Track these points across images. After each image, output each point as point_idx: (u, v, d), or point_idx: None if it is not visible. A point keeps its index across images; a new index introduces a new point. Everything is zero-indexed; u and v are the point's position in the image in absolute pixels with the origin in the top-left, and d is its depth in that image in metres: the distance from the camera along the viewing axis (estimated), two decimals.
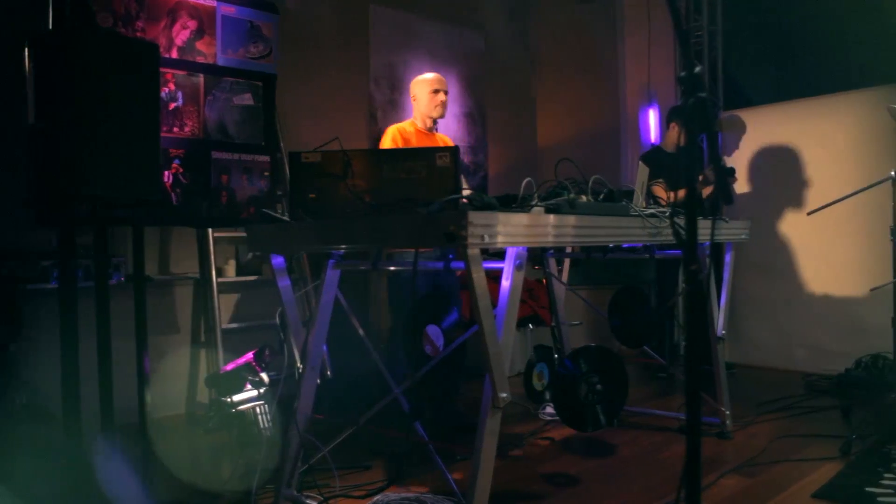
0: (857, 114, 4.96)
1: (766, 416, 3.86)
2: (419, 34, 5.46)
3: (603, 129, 6.08)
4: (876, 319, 4.58)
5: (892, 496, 2.61)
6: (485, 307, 1.96)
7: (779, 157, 5.32)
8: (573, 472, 3.01)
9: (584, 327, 5.42)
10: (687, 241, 1.10)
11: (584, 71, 6.24)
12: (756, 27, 5.82)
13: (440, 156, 2.17)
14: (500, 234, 1.97)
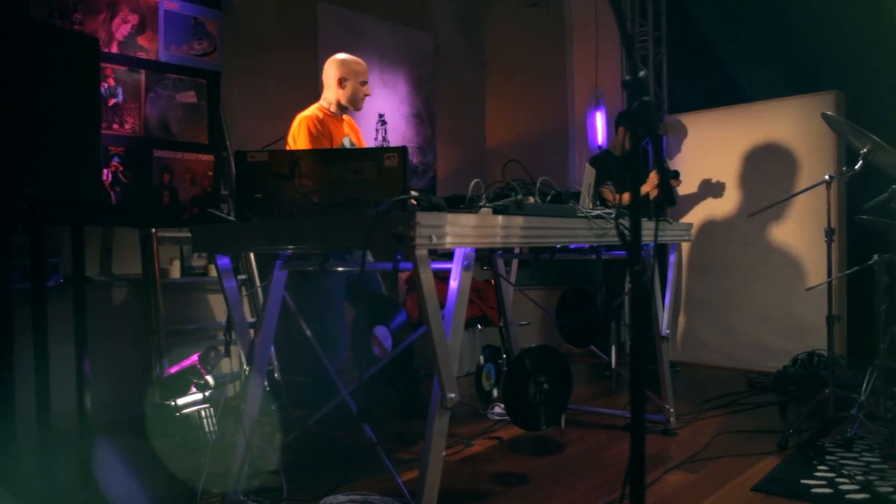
0: (794, 119, 5.11)
1: (709, 412, 3.95)
2: (368, 34, 5.43)
3: (551, 132, 6.14)
4: (812, 318, 4.73)
5: (825, 487, 2.71)
6: (433, 308, 1.96)
7: (721, 160, 5.45)
8: (522, 470, 3.03)
9: (532, 327, 5.47)
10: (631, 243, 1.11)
11: (532, 73, 6.29)
12: (700, 33, 5.94)
13: (388, 156, 2.17)
14: (448, 235, 1.97)
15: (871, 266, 3.29)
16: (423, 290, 1.94)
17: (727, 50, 5.78)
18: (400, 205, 1.94)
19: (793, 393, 4.36)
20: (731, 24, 5.74)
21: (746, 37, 5.68)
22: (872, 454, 3.11)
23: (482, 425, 3.72)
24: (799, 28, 5.42)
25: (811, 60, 5.36)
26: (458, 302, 2.07)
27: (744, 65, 5.72)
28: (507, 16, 6.39)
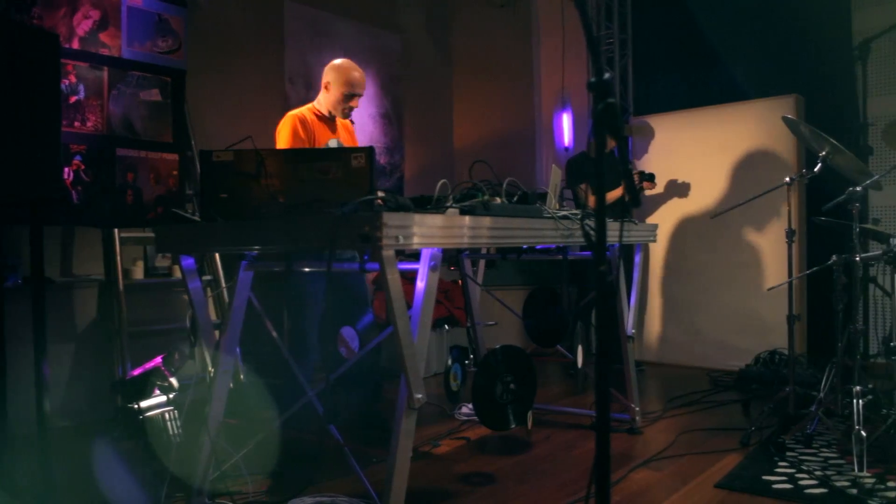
0: (756, 122, 5.20)
1: (673, 411, 4.00)
2: (336, 33, 5.41)
3: (518, 132, 6.17)
4: (774, 317, 4.82)
5: (785, 483, 2.76)
6: (399, 308, 1.96)
7: (685, 161, 5.53)
8: (489, 470, 3.04)
9: (499, 327, 5.49)
10: (596, 243, 1.13)
11: (500, 74, 6.31)
12: (664, 37, 6.02)
13: (355, 156, 2.16)
14: (415, 236, 1.97)
15: (829, 266, 3.36)
16: (390, 290, 1.94)
17: (691, 53, 5.87)
18: (366, 205, 1.94)
19: (755, 391, 4.44)
20: (694, 28, 5.82)
21: (710, 41, 5.76)
22: (830, 450, 3.18)
23: (449, 425, 3.72)
24: (760, 33, 5.53)
25: (772, 65, 5.46)
26: (424, 302, 2.07)
27: (707, 68, 5.81)
28: (474, 16, 6.41)
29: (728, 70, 5.73)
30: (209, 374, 2.57)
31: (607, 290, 1.19)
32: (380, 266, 1.92)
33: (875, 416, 3.22)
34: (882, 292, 3.74)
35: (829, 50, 5.18)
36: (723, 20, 5.70)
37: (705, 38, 5.78)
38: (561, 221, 2.62)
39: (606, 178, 4.67)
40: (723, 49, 5.72)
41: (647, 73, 6.17)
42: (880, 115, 4.63)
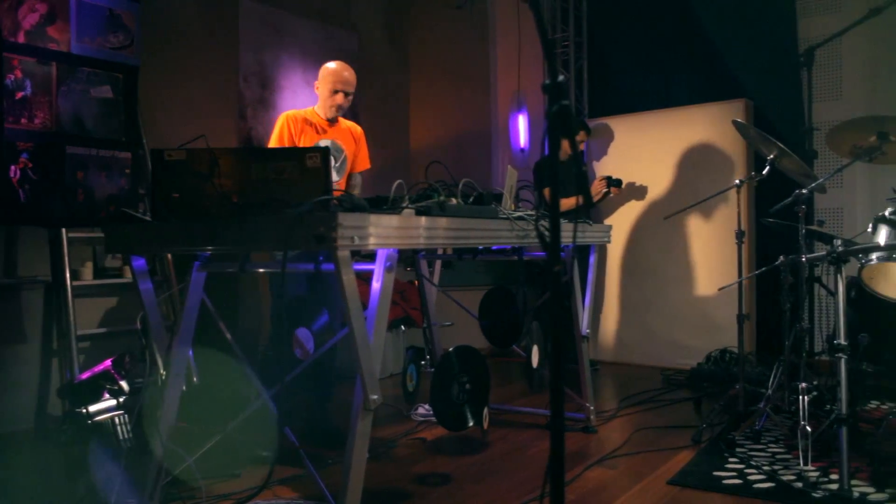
0: (708, 125, 5.31)
1: (627, 409, 4.06)
2: (291, 31, 5.36)
3: (474, 133, 6.19)
4: (724, 316, 4.93)
5: (735, 478, 2.83)
6: (355, 309, 1.96)
7: (640, 163, 5.61)
8: (445, 470, 3.05)
9: (455, 328, 5.49)
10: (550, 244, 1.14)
11: (456, 75, 6.33)
12: (620, 40, 6.11)
13: (310, 156, 2.14)
14: (370, 236, 1.97)
15: (777, 267, 3.45)
16: (346, 291, 1.93)
17: (646, 57, 5.96)
18: (321, 205, 1.93)
19: (706, 389, 4.53)
20: (649, 33, 5.93)
21: (664, 46, 5.87)
22: (778, 445, 3.26)
23: (406, 426, 3.72)
24: (712, 39, 5.64)
25: (723, 70, 5.59)
26: (380, 303, 2.07)
27: (661, 72, 5.91)
28: (431, 17, 6.41)
29: (681, 74, 5.85)
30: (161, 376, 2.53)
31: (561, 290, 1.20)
32: (335, 267, 1.91)
33: (820, 412, 3.32)
34: (826, 292, 3.86)
35: (777, 56, 5.31)
36: (676, 26, 5.81)
37: (659, 42, 5.89)
38: (516, 222, 2.64)
39: (568, 182, 4.70)
40: (676, 54, 5.83)
41: (603, 76, 6.25)
42: (825, 120, 4.76)
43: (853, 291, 3.32)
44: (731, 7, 5.53)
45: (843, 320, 2.84)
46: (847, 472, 2.63)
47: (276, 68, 5.20)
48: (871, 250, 2.95)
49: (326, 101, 3.49)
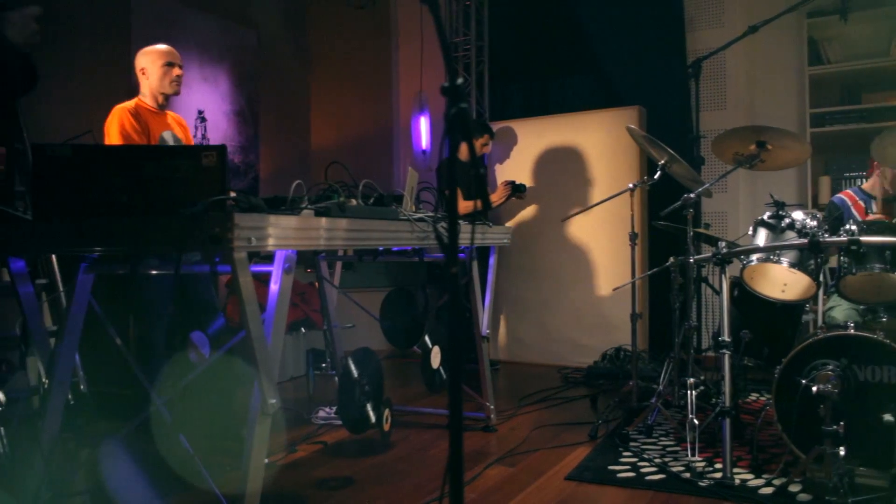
0: (603, 131, 5.48)
1: (526, 408, 4.14)
2: (186, 25, 5.18)
3: (376, 134, 6.17)
4: (619, 315, 5.10)
5: (628, 471, 2.93)
6: (252, 312, 1.91)
7: (540, 167, 5.74)
8: (346, 473, 3.02)
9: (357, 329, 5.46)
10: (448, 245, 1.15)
11: (358, 75, 6.29)
12: (520, 45, 6.22)
13: (206, 155, 2.08)
14: (269, 237, 1.93)
15: (667, 267, 3.61)
16: (242, 293, 1.88)
17: (545, 63, 6.09)
18: (217, 205, 1.87)
19: (602, 386, 4.68)
20: (548, 39, 6.06)
21: (563, 52, 6.02)
22: (668, 438, 3.41)
23: (306, 430, 3.66)
24: (608, 48, 5.84)
25: (619, 77, 5.79)
26: (278, 305, 2.03)
27: (560, 78, 6.06)
28: (332, 15, 6.35)
29: (580, 81, 6.01)
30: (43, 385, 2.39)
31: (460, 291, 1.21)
32: (231, 269, 1.86)
33: (706, 405, 3.49)
34: (712, 291, 4.06)
35: (668, 67, 5.55)
36: (575, 35, 5.97)
37: (559, 50, 6.03)
38: (417, 224, 2.64)
39: (472, 183, 4.72)
40: (575, 61, 5.99)
41: (504, 81, 6.34)
42: (711, 129, 5.01)
43: (736, 291, 3.50)
44: (625, 19, 5.73)
45: (727, 318, 3.00)
46: (730, 461, 2.78)
47: None
48: (752, 252, 3.12)
49: (163, 78, 3.36)
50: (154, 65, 3.36)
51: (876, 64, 5.02)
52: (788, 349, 2.87)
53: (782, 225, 3.10)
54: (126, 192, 2.08)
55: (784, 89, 5.37)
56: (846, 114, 5.07)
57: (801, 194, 5.21)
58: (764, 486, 2.73)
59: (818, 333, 2.85)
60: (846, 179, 5.04)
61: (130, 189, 2.08)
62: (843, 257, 2.99)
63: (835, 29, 5.06)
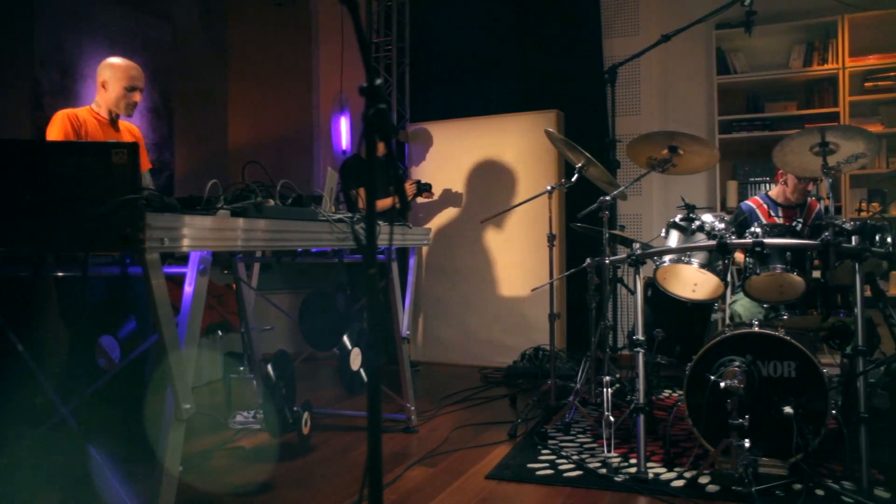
0: (523, 133, 5.57)
1: (447, 408, 4.16)
2: (96, 17, 4.98)
3: (296, 134, 6.08)
4: (537, 316, 5.19)
5: (547, 469, 2.99)
6: (165, 315, 1.85)
7: (458, 168, 5.78)
8: (265, 478, 2.96)
9: (277, 332, 5.38)
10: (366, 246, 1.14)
11: (278, 73, 6.18)
12: (442, 48, 6.24)
13: (117, 152, 2.00)
14: (184, 238, 1.88)
15: (584, 268, 3.69)
16: (155, 296, 1.83)
17: (467, 66, 6.14)
18: (128, 205, 1.81)
19: (521, 385, 4.75)
20: (470, 42, 6.11)
21: (484, 55, 6.08)
22: (585, 435, 3.49)
23: (223, 435, 3.58)
24: (528, 52, 5.93)
25: (538, 81, 5.89)
26: (193, 308, 1.97)
27: (481, 80, 6.11)
28: (251, 12, 6.22)
29: (500, 84, 6.08)
30: None
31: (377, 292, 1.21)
32: (143, 270, 1.80)
33: (622, 402, 3.59)
34: (628, 291, 4.18)
35: (585, 72, 5.69)
36: (496, 38, 6.04)
37: (479, 52, 6.09)
38: (336, 224, 2.62)
39: (380, 184, 4.72)
40: (495, 64, 6.06)
41: (425, 82, 6.35)
42: (626, 133, 5.16)
43: (649, 291, 3.61)
44: (546, 23, 5.84)
45: (641, 317, 3.09)
46: (643, 455, 2.87)
47: (81, 55, 4.81)
48: (664, 253, 3.23)
49: (121, 99, 3.32)
50: (116, 83, 3.29)
51: (777, 75, 5.28)
52: (698, 347, 2.99)
53: (693, 227, 3.22)
54: (31, 191, 1.98)
55: (694, 96, 5.58)
56: (751, 122, 5.31)
57: (710, 198, 5.43)
58: (676, 479, 2.83)
59: (725, 331, 2.97)
60: (752, 184, 5.29)
61: (35, 187, 1.99)
62: (748, 258, 3.13)
63: (741, 41, 5.30)
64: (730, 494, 2.63)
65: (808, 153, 3.11)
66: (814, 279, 3.11)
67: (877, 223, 3.07)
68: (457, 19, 6.16)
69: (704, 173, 5.33)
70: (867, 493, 2.58)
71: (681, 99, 5.63)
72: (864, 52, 5.06)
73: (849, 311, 3.07)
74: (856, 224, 2.96)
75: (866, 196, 5.04)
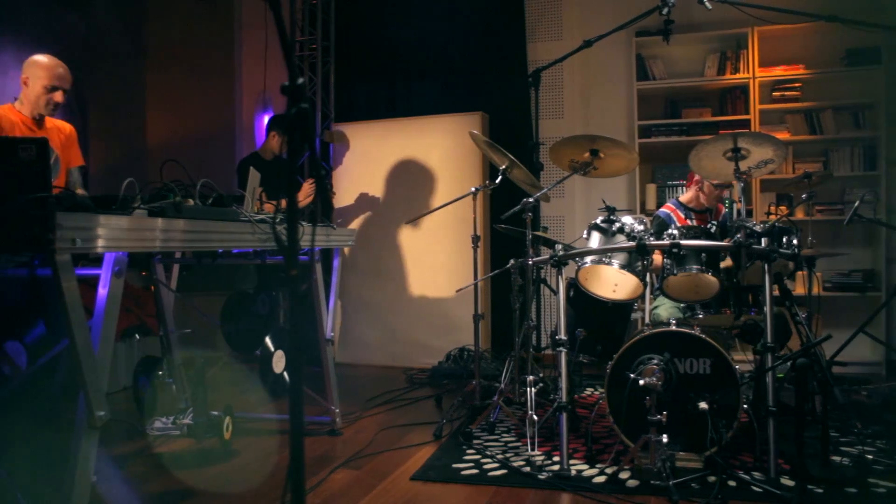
0: (448, 135, 5.59)
1: (372, 410, 4.14)
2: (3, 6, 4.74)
3: (218, 132, 5.94)
4: (462, 316, 5.22)
5: (472, 468, 3.01)
6: (77, 319, 1.78)
7: (384, 169, 5.76)
8: (186, 485, 2.89)
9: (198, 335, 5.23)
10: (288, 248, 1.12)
11: (200, 70, 6.02)
12: (367, 48, 6.21)
13: (24, 148, 1.91)
14: (98, 238, 1.81)
15: (508, 269, 3.73)
16: (66, 299, 1.75)
17: (392, 66, 6.13)
18: (37, 203, 1.73)
19: (446, 386, 4.77)
20: (396, 43, 6.10)
21: (409, 56, 6.08)
22: (510, 434, 3.53)
23: (141, 443, 3.46)
24: (453, 54, 5.96)
25: (464, 83, 5.92)
26: (107, 311, 1.90)
27: (407, 81, 6.11)
28: (172, 6, 6.03)
29: (426, 84, 6.09)
30: None
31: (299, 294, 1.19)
32: (53, 272, 1.72)
33: (545, 401, 3.65)
34: (551, 291, 4.24)
35: (510, 75, 5.75)
36: (422, 39, 6.05)
37: (405, 53, 6.08)
38: (258, 225, 2.57)
39: (277, 183, 4.62)
40: (421, 65, 6.07)
41: (350, 82, 6.30)
42: (549, 136, 5.26)
43: (572, 291, 3.68)
44: (471, 26, 5.87)
45: (564, 317, 3.15)
46: (566, 453, 2.93)
47: None
48: (586, 254, 3.30)
49: (41, 98, 3.24)
50: (37, 82, 3.22)
51: (693, 82, 5.47)
52: (619, 346, 3.06)
53: (613, 229, 3.31)
54: None
55: (615, 101, 5.72)
56: (669, 127, 5.49)
57: (630, 200, 5.58)
58: (597, 475, 2.89)
59: (644, 330, 3.06)
60: (670, 187, 5.46)
61: None
62: (666, 259, 3.23)
63: (659, 48, 5.47)
64: (649, 488, 2.71)
65: (721, 158, 3.24)
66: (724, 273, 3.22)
67: (784, 226, 3.23)
68: (383, 19, 6.14)
69: (625, 176, 5.47)
70: (774, 482, 2.71)
71: (602, 103, 5.77)
72: (772, 63, 5.30)
73: (759, 309, 3.20)
74: (765, 227, 3.10)
75: (775, 200, 5.29)
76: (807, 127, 5.29)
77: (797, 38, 5.34)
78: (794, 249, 3.12)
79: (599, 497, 2.66)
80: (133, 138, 5.91)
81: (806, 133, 5.29)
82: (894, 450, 3.19)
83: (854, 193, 5.10)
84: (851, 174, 5.22)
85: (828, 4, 4.98)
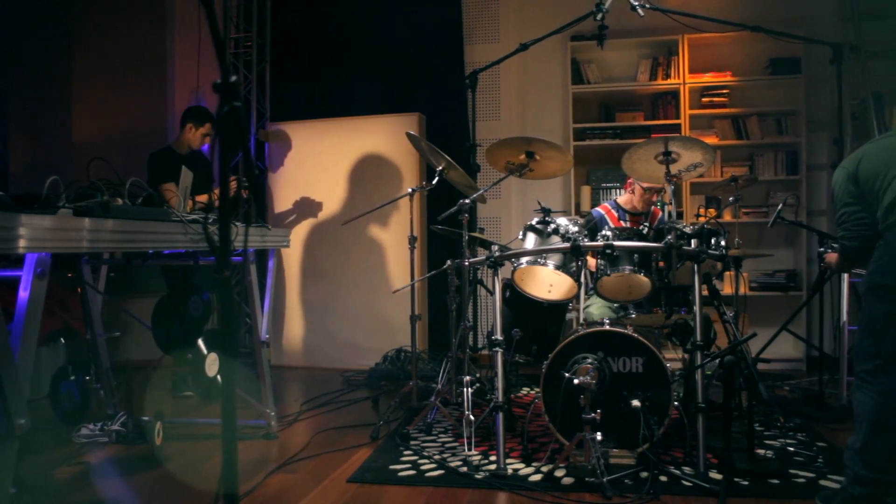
0: (386, 135, 5.57)
1: (309, 412, 4.09)
2: None
3: (149, 130, 5.78)
4: (399, 317, 5.21)
5: (409, 469, 3.01)
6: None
7: (320, 169, 5.70)
8: (115, 494, 2.80)
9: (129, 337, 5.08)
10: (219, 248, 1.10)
11: (130, 66, 5.84)
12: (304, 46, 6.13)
13: None
14: (19, 238, 1.74)
15: (444, 270, 3.74)
16: None
17: (329, 66, 6.06)
18: None
19: (384, 387, 4.75)
20: (332, 42, 6.04)
21: (346, 56, 6.03)
22: (447, 434, 3.54)
23: (67, 450, 3.34)
24: (391, 55, 5.94)
25: (401, 84, 5.91)
26: (29, 314, 1.83)
27: (344, 81, 6.06)
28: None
29: (363, 85, 6.05)
30: None
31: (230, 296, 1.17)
32: None
33: (482, 401, 3.67)
34: (487, 292, 4.28)
35: (448, 76, 5.77)
36: (359, 39, 6.00)
37: (343, 52, 6.03)
38: (190, 225, 2.52)
39: (197, 179, 4.49)
40: (358, 65, 6.02)
41: (287, 81, 6.21)
42: (486, 138, 5.29)
43: (508, 291, 3.72)
44: (408, 27, 5.86)
45: (500, 318, 3.18)
46: (503, 452, 2.96)
47: None
48: (522, 255, 3.34)
49: None
50: None
51: (627, 87, 5.59)
52: (554, 345, 3.11)
53: (548, 230, 3.35)
54: None
55: (551, 104, 5.80)
56: (603, 130, 5.59)
57: (565, 202, 5.66)
58: (533, 473, 2.93)
59: (579, 330, 3.11)
60: (604, 189, 5.56)
61: None
62: (600, 261, 3.29)
63: (594, 53, 5.57)
64: (583, 486, 2.75)
65: (653, 161, 3.32)
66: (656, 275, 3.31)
67: (712, 228, 3.33)
68: (320, 18, 6.07)
69: (560, 178, 5.55)
70: (703, 476, 2.79)
71: (538, 106, 5.84)
72: (701, 70, 5.46)
73: (689, 309, 3.29)
74: (694, 228, 3.19)
75: (704, 202, 5.45)
76: (734, 132, 5.47)
77: (725, 47, 5.52)
78: (722, 251, 3.22)
79: (535, 495, 2.69)
80: (58, 134, 5.70)
81: (733, 138, 5.47)
82: (813, 442, 3.33)
83: (777, 197, 5.30)
84: (775, 178, 5.42)
85: (753, 15, 5.17)
